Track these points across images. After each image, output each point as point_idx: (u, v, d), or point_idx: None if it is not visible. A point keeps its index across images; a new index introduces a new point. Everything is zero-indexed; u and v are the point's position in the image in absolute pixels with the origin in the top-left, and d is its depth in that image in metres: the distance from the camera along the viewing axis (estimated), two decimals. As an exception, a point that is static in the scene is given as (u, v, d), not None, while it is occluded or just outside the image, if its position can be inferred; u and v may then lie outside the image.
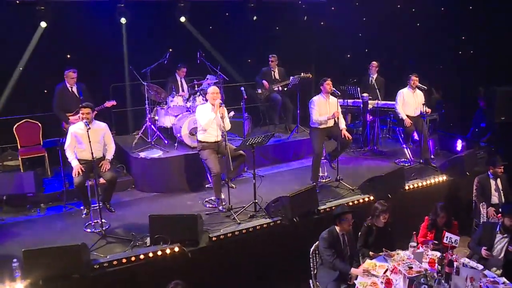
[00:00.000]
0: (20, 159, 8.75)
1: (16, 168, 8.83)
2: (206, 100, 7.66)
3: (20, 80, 9.31)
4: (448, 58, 12.43)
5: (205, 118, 7.30)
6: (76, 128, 6.81)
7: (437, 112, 11.30)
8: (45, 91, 9.37)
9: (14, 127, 8.94)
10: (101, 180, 6.89)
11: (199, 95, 9.08)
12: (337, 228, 6.05)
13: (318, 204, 7.31)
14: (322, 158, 8.44)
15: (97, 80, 9.73)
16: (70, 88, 8.26)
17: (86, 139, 6.42)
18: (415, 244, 5.97)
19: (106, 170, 6.81)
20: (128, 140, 9.26)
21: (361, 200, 7.63)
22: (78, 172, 6.60)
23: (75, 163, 6.71)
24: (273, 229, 6.88)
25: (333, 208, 7.22)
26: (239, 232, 6.59)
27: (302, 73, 10.06)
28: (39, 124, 9.11)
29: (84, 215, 6.97)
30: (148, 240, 6.31)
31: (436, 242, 6.29)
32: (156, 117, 9.28)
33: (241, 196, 7.81)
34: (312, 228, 6.82)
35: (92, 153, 6.37)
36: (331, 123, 8.30)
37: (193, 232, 6.28)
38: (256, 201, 7.22)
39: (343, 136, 8.12)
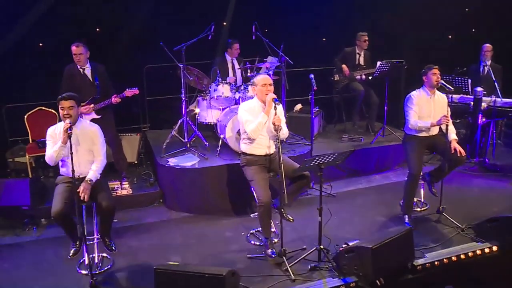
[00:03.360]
0: (27, 157, 6.96)
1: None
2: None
3: (36, 59, 7.57)
4: None
5: (252, 122, 5.09)
6: (54, 131, 4.82)
7: None
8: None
9: (26, 116, 7.19)
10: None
11: (253, 84, 6.78)
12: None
13: (414, 256, 4.89)
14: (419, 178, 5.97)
15: (130, 60, 7.92)
16: (81, 70, 6.25)
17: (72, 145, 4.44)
18: None
19: (85, 197, 4.71)
20: (162, 138, 7.16)
21: (478, 251, 5.11)
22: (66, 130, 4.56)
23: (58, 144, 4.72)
24: (344, 296, 4.56)
25: (436, 263, 4.80)
26: (290, 301, 4.33)
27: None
28: (56, 113, 7.25)
29: (70, 255, 4.91)
30: (154, 303, 4.23)
31: None
32: (197, 110, 7.13)
33: (301, 230, 5.65)
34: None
35: (73, 169, 4.34)
36: (435, 130, 5.89)
37: (220, 298, 4.10)
38: (322, 247, 4.92)
39: (453, 151, 5.62)
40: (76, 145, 4.72)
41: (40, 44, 7.83)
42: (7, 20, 7.26)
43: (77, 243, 4.85)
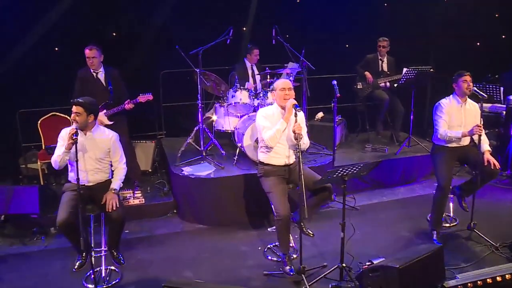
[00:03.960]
0: (39, 164, 6.77)
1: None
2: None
3: (51, 64, 7.34)
4: None
5: (270, 129, 4.79)
6: (66, 134, 4.56)
7: None
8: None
9: (39, 121, 6.98)
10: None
11: (273, 90, 6.47)
12: None
13: (445, 276, 4.51)
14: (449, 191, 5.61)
15: (146, 65, 7.68)
16: (94, 74, 6.03)
17: (79, 152, 4.27)
18: None
19: (113, 207, 4.51)
20: (178, 146, 6.87)
21: (515, 273, 4.70)
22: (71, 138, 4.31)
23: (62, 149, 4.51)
24: (368, 320, 4.20)
25: (469, 285, 4.40)
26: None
27: (419, 66, 7.25)
28: (70, 119, 7.02)
29: (76, 268, 4.63)
30: (163, 324, 3.93)
31: None
32: (214, 117, 6.85)
33: (321, 245, 5.33)
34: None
35: (78, 177, 4.12)
36: (466, 141, 5.50)
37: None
38: (344, 265, 4.57)
39: (486, 163, 5.24)
40: (84, 152, 4.51)
41: (56, 49, 7.64)
42: (22, 24, 7.12)
43: (83, 255, 4.58)
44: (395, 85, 7.66)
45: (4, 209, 5.80)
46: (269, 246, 5.36)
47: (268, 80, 6.88)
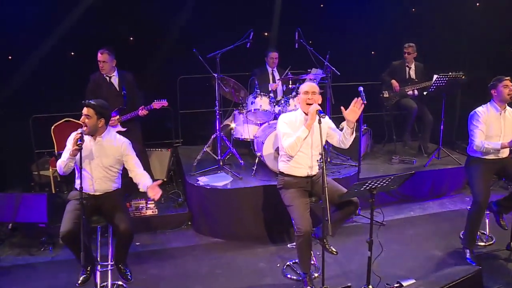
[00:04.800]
0: (50, 170, 6.54)
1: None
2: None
3: (68, 68, 7.16)
4: None
5: (290, 135, 4.44)
6: (73, 137, 4.26)
7: None
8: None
9: (52, 127, 6.74)
10: None
11: (295, 95, 6.13)
12: None
13: (484, 302, 4.09)
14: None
15: (163, 70, 7.46)
16: (107, 78, 5.78)
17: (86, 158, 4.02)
18: None
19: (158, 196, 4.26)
20: (194, 155, 6.56)
21: None
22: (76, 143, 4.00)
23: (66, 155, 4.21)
24: None
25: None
26: None
27: (450, 72, 6.80)
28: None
29: (79, 283, 4.28)
30: None
31: None
32: (233, 125, 6.53)
33: (345, 264, 4.96)
34: None
35: (81, 186, 3.81)
36: (505, 153, 5.10)
37: None
38: (371, 286, 4.17)
39: (527, 178, 4.82)
40: (91, 159, 4.21)
41: (72, 53, 7.46)
42: (38, 29, 6.95)
43: (88, 269, 4.26)
44: (425, 93, 7.25)
45: (11, 217, 5.60)
46: (288, 263, 4.99)
47: (290, 85, 6.52)
